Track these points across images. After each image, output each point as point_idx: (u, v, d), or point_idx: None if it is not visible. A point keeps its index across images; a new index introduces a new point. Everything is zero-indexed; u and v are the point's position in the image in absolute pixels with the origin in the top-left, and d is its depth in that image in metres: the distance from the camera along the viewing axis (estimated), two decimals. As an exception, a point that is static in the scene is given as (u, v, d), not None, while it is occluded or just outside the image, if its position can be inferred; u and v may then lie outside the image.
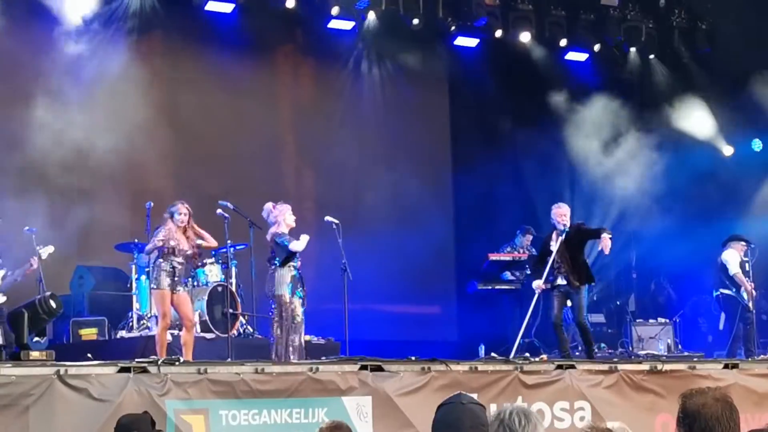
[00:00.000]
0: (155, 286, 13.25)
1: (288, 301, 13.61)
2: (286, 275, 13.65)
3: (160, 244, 13.11)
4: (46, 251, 14.25)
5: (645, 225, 22.76)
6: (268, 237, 13.82)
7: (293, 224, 13.91)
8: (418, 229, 19.40)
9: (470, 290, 18.84)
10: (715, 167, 21.52)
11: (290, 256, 13.68)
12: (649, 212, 22.64)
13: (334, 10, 18.91)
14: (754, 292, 16.72)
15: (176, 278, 13.12)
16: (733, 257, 16.72)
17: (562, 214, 14.92)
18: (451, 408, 4.70)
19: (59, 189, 16.75)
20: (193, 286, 15.04)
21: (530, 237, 17.44)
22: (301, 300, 13.73)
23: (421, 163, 20.56)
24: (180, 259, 13.16)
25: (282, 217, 13.81)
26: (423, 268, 19.43)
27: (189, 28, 18.78)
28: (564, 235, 14.69)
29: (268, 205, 13.97)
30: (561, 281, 14.73)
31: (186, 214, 13.31)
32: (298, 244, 13.64)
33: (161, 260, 13.13)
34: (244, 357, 12.48)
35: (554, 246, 14.72)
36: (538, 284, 14.82)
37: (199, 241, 13.46)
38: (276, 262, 13.70)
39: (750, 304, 16.55)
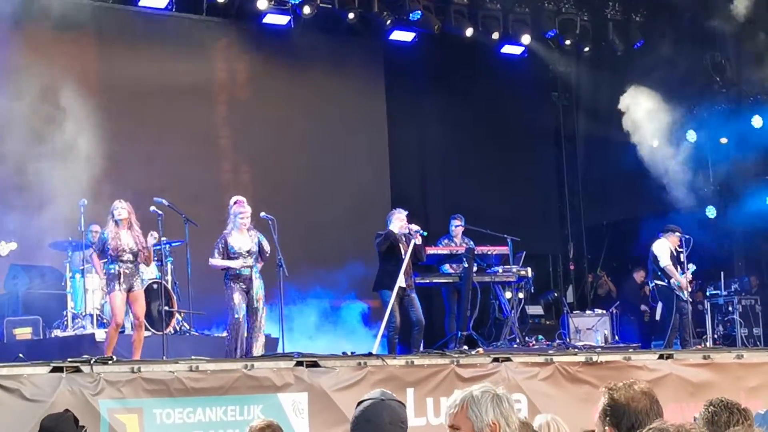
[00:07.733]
0: (108, 290, 13.32)
1: None
2: None
3: (102, 246, 13.24)
4: (8, 248, 13.91)
5: (584, 216, 22.97)
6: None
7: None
8: (357, 223, 19.36)
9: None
10: (650, 158, 21.68)
11: None
12: (587, 204, 22.86)
13: (269, 5, 18.85)
14: (689, 284, 16.76)
15: (128, 278, 13.14)
16: (663, 248, 16.75)
17: (403, 219, 15.35)
18: (370, 404, 4.71)
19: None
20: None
21: (458, 223, 17.42)
22: None
23: (359, 157, 20.54)
24: (127, 257, 13.14)
25: None
26: (363, 262, 19.41)
27: (123, 23, 18.63)
28: (412, 241, 15.10)
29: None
30: (402, 283, 15.02)
31: (124, 209, 13.26)
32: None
33: (111, 264, 13.15)
34: (181, 355, 12.42)
35: (407, 250, 15.07)
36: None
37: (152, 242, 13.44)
38: None
39: (685, 294, 16.63)
